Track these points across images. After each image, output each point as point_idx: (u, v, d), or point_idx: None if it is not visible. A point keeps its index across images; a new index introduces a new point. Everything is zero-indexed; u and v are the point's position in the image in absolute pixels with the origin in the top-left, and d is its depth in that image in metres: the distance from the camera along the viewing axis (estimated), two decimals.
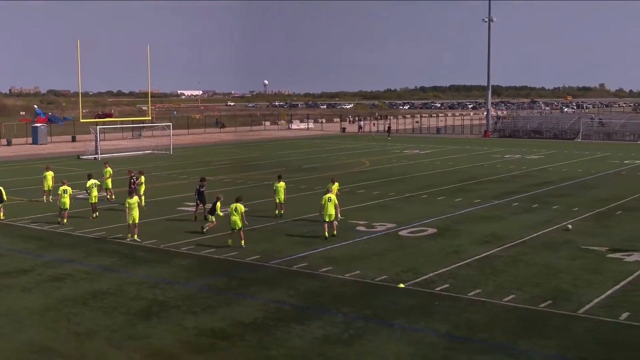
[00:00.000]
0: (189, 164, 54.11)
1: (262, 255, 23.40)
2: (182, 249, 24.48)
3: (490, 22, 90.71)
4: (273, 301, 18.41)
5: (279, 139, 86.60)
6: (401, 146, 71.82)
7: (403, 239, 26.05)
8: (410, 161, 56.10)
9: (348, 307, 17.86)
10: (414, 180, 43.66)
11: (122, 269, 21.88)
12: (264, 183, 40.88)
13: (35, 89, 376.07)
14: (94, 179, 31.50)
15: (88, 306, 18.10)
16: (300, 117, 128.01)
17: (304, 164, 53.69)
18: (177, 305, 18.14)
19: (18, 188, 39.74)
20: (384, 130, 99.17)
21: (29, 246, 25.31)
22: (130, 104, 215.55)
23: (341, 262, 22.42)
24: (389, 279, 20.40)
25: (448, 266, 21.82)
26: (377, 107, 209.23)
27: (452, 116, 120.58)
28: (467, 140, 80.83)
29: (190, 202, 33.65)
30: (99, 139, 61.94)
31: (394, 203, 34.43)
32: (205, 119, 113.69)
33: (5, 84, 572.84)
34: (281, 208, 30.41)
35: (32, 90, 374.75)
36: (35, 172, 46.40)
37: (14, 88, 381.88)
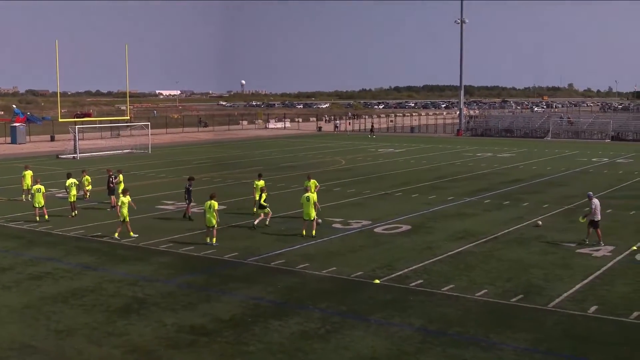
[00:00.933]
0: (168, 163, 53.84)
1: (240, 252, 23.35)
2: (161, 246, 24.35)
3: (462, 23, 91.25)
4: (251, 298, 18.38)
5: (256, 138, 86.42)
6: (376, 145, 71.98)
7: (378, 235, 26.11)
8: (385, 160, 56.24)
9: (325, 302, 17.89)
10: (389, 178, 43.77)
11: (101, 267, 21.72)
12: (242, 181, 40.80)
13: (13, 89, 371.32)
14: (73, 178, 31.22)
15: (68, 304, 17.96)
16: (277, 116, 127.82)
17: (281, 163, 53.64)
18: (156, 302, 18.06)
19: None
20: (359, 130, 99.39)
21: (8, 245, 25.03)
22: (109, 103, 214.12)
23: (318, 258, 22.44)
24: (365, 275, 20.46)
25: (422, 262, 21.92)
26: (353, 106, 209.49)
27: (425, 115, 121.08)
28: (440, 139, 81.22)
29: (168, 201, 33.53)
30: (77, 139, 61.40)
31: (369, 201, 34.51)
32: (183, 119, 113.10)
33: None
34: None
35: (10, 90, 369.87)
36: (14, 172, 45.90)
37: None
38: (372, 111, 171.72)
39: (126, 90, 76.08)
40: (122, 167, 43.45)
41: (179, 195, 32.89)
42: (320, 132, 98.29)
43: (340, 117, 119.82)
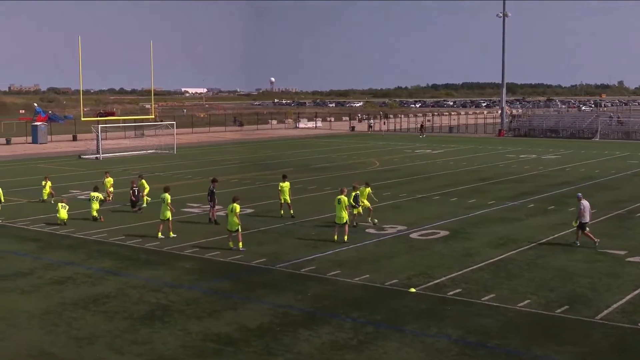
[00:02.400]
0: (193, 164, 54.21)
1: (268, 258, 23.41)
2: (185, 251, 24.52)
3: (504, 17, 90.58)
4: (280, 305, 18.42)
5: (286, 138, 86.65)
6: (412, 146, 71.76)
7: (414, 241, 26.01)
8: (422, 161, 56.03)
9: (357, 311, 17.86)
10: (426, 180, 43.59)
11: (124, 272, 21.94)
12: (271, 183, 40.90)
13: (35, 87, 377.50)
14: (99, 193, 31.23)
15: (89, 310, 18.15)
16: (308, 115, 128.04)
17: (312, 164, 53.71)
18: (181, 309, 18.18)
19: (17, 188, 39.87)
20: (395, 129, 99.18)
21: (28, 247, 25.40)
22: (133, 102, 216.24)
23: (350, 265, 22.42)
24: (400, 283, 20.39)
25: (461, 270, 21.79)
26: (388, 105, 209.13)
27: (465, 115, 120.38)
28: (480, 140, 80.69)
29: (194, 203, 33.76)
30: (100, 138, 62.12)
31: (405, 204, 34.39)
32: (210, 118, 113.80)
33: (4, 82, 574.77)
34: (289, 208, 30.42)
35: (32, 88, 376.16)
36: (35, 172, 46.62)
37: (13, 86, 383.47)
38: (408, 110, 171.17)
39: (151, 88, 76.86)
40: (146, 168, 43.96)
41: (204, 198, 33.05)
42: (353, 132, 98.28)
43: (374, 116, 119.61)
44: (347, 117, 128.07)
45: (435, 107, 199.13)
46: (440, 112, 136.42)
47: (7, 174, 47.35)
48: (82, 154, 62.14)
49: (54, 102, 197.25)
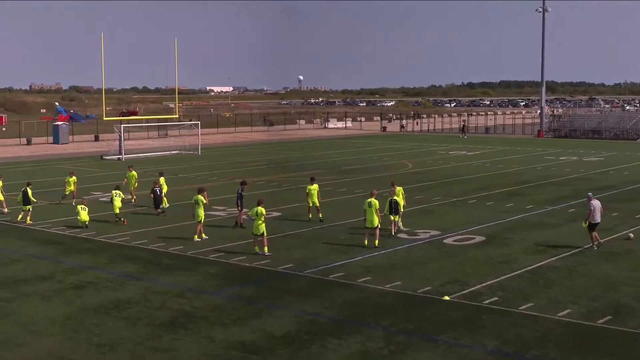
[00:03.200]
0: (219, 165, 54.49)
1: (296, 263, 23.45)
2: (210, 256, 24.64)
3: (544, 12, 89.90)
4: (307, 313, 18.43)
5: (315, 138, 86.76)
6: (447, 147, 71.50)
7: (448, 247, 25.91)
8: (457, 163, 55.79)
9: (388, 320, 17.82)
10: (461, 183, 43.39)
11: (146, 277, 22.10)
12: (298, 186, 40.97)
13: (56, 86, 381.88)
14: (120, 190, 31.52)
15: (111, 316, 18.32)
16: (337, 115, 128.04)
17: (342, 166, 53.73)
18: (204, 316, 18.27)
19: (37, 190, 40.28)
20: (428, 130, 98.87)
21: (48, 251, 25.69)
22: (156, 101, 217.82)
23: (381, 271, 22.38)
24: (433, 290, 20.31)
25: (497, 277, 21.66)
26: (421, 104, 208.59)
27: (502, 115, 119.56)
28: (518, 141, 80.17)
29: (219, 206, 33.90)
30: (123, 139, 62.67)
31: (439, 208, 34.26)
32: (235, 118, 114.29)
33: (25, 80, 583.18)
34: (317, 212, 30.43)
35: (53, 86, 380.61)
36: (56, 174, 47.14)
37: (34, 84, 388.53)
38: (442, 110, 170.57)
39: (175, 86, 77.40)
40: (169, 169, 44.28)
41: (230, 201, 33.21)
42: (384, 133, 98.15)
43: (406, 116, 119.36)
44: (378, 116, 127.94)
45: (471, 107, 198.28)
46: (476, 112, 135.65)
47: (28, 175, 47.86)
48: (104, 155, 62.74)
49: (75, 101, 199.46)
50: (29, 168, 53.44)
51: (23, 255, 25.12)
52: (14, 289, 20.81)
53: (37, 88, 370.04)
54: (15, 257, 24.82)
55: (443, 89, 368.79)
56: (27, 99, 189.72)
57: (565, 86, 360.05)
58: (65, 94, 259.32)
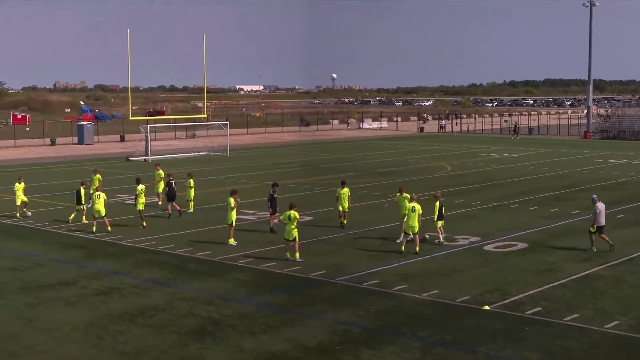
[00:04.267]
0: (248, 167, 54.71)
1: (328, 270, 23.46)
2: (239, 261, 24.75)
3: (592, 7, 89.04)
4: (340, 322, 18.43)
5: (349, 139, 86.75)
6: (488, 148, 71.11)
7: (488, 254, 25.78)
8: (498, 165, 55.47)
9: (425, 330, 17.77)
10: (502, 187, 43.13)
11: (173, 283, 22.25)
12: (332, 189, 40.96)
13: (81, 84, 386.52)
14: (143, 184, 31.79)
15: (136, 323, 18.47)
16: (372, 115, 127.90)
17: (378, 168, 53.66)
18: (233, 324, 18.35)
19: (61, 192, 40.78)
20: (468, 130, 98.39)
21: (72, 256, 25.98)
22: (184, 100, 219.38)
23: (417, 279, 22.32)
24: (472, 299, 20.22)
25: (540, 286, 21.50)
26: (460, 104, 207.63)
27: (546, 115, 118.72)
28: (564, 142, 79.49)
29: (248, 210, 34.02)
30: (149, 139, 63.17)
31: (479, 213, 34.10)
32: (266, 117, 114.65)
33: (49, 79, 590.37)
34: (344, 217, 30.40)
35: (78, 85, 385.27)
36: (81, 175, 47.57)
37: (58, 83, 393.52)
38: (482, 109, 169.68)
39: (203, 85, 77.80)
40: (197, 170, 44.52)
41: (260, 204, 33.35)
42: (422, 133, 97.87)
43: (445, 116, 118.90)
44: (415, 116, 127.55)
45: (513, 107, 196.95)
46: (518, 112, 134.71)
47: (52, 177, 48.53)
48: (130, 156, 63.29)
49: (101, 100, 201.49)
50: (52, 169, 54.09)
51: (46, 259, 25.43)
52: (37, 294, 21.09)
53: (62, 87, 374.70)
54: (39, 261, 25.14)
55: (484, 88, 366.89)
56: (51, 98, 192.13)
57: (614, 85, 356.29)
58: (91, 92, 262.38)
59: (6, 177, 47.41)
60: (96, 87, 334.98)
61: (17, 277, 22.99)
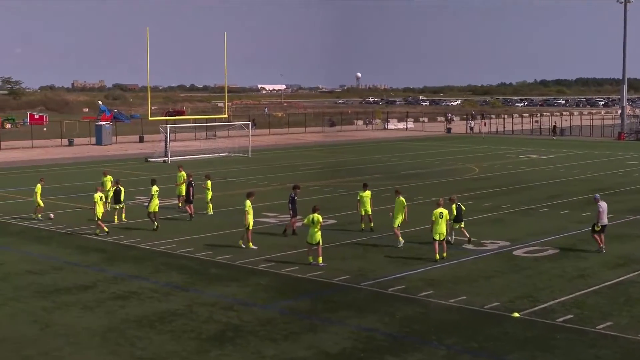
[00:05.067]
0: (270, 169, 54.81)
1: (352, 275, 23.46)
2: (260, 265, 24.80)
3: (626, 3, 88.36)
4: (364, 329, 18.43)
5: (374, 140, 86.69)
6: (517, 150, 70.79)
7: (518, 259, 25.67)
8: (528, 168, 55.21)
9: (452, 338, 17.72)
10: (533, 190, 42.92)
11: (192, 288, 22.34)
12: (355, 191, 40.94)
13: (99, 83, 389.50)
14: (157, 186, 31.86)
15: (155, 329, 18.56)
16: (398, 115, 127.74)
17: (402, 170, 53.57)
18: (254, 330, 18.39)
19: (79, 194, 41.07)
20: (497, 131, 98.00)
21: (90, 259, 26.15)
22: (205, 99, 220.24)
23: (444, 285, 22.27)
24: (501, 306, 20.14)
25: (572, 293, 21.39)
26: (489, 104, 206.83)
27: (579, 115, 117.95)
28: (597, 144, 78.95)
29: (270, 213, 34.09)
30: (169, 140, 63.44)
31: (508, 217, 33.95)
32: (288, 117, 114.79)
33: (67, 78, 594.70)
34: (370, 220, 30.39)
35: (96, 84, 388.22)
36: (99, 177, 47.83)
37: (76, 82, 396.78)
38: (512, 109, 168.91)
39: (224, 84, 78.10)
40: (217, 172, 44.65)
41: (282, 207, 33.39)
42: (449, 134, 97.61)
43: (473, 116, 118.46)
44: (442, 117, 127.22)
45: (544, 107, 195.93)
46: (550, 112, 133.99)
47: (69, 178, 48.86)
48: (149, 157, 63.60)
49: (119, 100, 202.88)
50: (70, 170, 54.47)
51: (65, 262, 25.62)
52: (54, 298, 21.25)
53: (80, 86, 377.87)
54: (57, 264, 25.32)
55: (514, 87, 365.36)
56: (69, 98, 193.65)
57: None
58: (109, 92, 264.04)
59: (23, 178, 47.85)
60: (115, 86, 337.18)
61: (34, 280, 23.19)
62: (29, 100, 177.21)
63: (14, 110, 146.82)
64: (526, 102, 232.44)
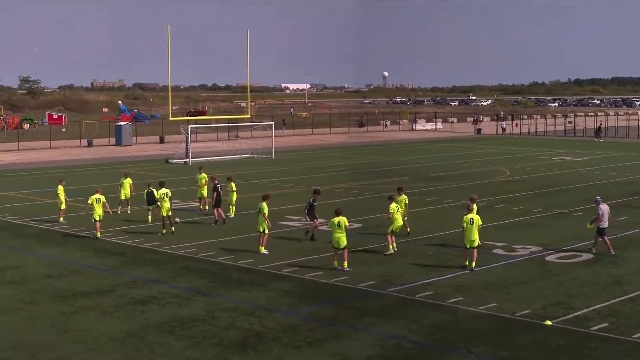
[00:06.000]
0: (294, 171, 54.88)
1: (378, 280, 23.43)
2: (283, 270, 24.83)
3: None
4: (390, 336, 18.40)
5: (401, 141, 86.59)
6: (550, 152, 70.40)
7: (550, 265, 25.53)
8: (561, 170, 54.90)
9: (481, 346, 17.66)
10: (566, 193, 42.67)
11: (213, 293, 22.41)
12: (382, 194, 40.93)
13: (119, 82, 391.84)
14: (166, 188, 31.83)
15: (175, 335, 18.63)
16: (426, 115, 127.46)
17: (430, 172, 53.45)
18: (276, 337, 18.41)
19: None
20: (529, 132, 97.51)
21: (109, 262, 26.32)
22: (227, 99, 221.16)
23: (473, 291, 22.19)
24: (533, 314, 20.04)
25: (607, 300, 21.25)
26: (521, 104, 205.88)
27: (615, 115, 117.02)
28: (633, 145, 78.38)
29: (293, 216, 34.12)
30: (190, 140, 63.71)
31: (540, 221, 33.77)
32: (313, 118, 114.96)
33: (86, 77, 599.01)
34: (405, 226, 30.32)
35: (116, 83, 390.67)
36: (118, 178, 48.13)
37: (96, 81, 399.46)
38: (545, 110, 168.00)
39: (247, 83, 78.34)
40: (240, 174, 44.77)
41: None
42: (479, 135, 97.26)
43: (503, 116, 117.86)
44: (472, 117, 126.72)
45: (579, 107, 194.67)
46: (584, 112, 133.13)
47: (88, 179, 49.15)
48: (169, 158, 63.92)
49: (139, 100, 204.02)
50: (89, 172, 54.82)
51: (83, 266, 25.79)
52: (72, 302, 21.41)
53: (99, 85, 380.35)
54: (75, 268, 25.51)
55: (547, 87, 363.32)
56: (88, 97, 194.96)
57: None
58: (129, 91, 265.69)
59: (41, 180, 48.27)
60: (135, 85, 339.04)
61: (52, 284, 23.38)
62: (47, 100, 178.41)
63: (33, 110, 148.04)
64: (559, 102, 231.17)
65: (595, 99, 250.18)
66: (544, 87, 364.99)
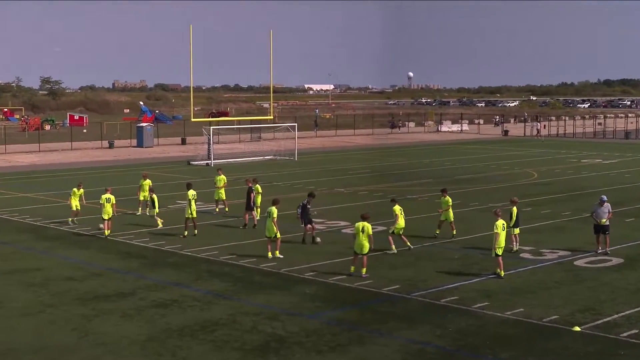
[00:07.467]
0: (317, 173, 54.91)
1: (402, 284, 23.40)
2: (306, 274, 24.86)
3: None
4: (415, 341, 18.37)
5: (426, 143, 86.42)
6: (579, 154, 70.00)
7: (579, 269, 25.40)
8: (590, 173, 54.59)
9: (508, 352, 17.60)
10: (595, 196, 42.18)
11: (235, 296, 22.47)
12: (406, 197, 40.88)
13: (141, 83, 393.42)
14: (194, 190, 31.94)
15: (196, 338, 18.70)
16: (451, 117, 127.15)
17: (456, 175, 53.30)
18: (299, 341, 18.44)
19: (119, 198, 41.45)
20: (557, 134, 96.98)
21: (131, 265, 26.46)
22: (249, 100, 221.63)
23: (500, 296, 22.12)
24: (561, 319, 19.95)
25: (638, 306, 21.12)
26: (549, 105, 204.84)
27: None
28: None
29: (317, 219, 34.10)
30: (212, 142, 63.88)
31: (569, 225, 33.61)
32: (337, 119, 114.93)
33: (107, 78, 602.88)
34: (452, 228, 30.26)
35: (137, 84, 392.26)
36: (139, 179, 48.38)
37: (117, 82, 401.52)
38: (574, 111, 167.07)
39: (270, 84, 78.42)
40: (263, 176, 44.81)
41: (329, 212, 33.46)
42: (506, 137, 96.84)
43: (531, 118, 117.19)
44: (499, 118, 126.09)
45: (608, 108, 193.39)
46: (614, 114, 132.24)
47: (109, 181, 49.31)
48: (191, 160, 64.15)
49: (161, 101, 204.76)
50: (110, 173, 55.14)
51: (104, 269, 25.95)
52: (93, 305, 21.54)
53: (121, 86, 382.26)
54: (96, 270, 25.67)
55: (575, 87, 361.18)
56: (109, 98, 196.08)
57: None
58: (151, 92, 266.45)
59: (62, 182, 48.57)
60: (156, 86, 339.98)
61: (73, 287, 23.54)
62: (68, 100, 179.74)
63: (54, 111, 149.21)
64: (589, 103, 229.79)
65: (626, 99, 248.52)
66: (572, 87, 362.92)
